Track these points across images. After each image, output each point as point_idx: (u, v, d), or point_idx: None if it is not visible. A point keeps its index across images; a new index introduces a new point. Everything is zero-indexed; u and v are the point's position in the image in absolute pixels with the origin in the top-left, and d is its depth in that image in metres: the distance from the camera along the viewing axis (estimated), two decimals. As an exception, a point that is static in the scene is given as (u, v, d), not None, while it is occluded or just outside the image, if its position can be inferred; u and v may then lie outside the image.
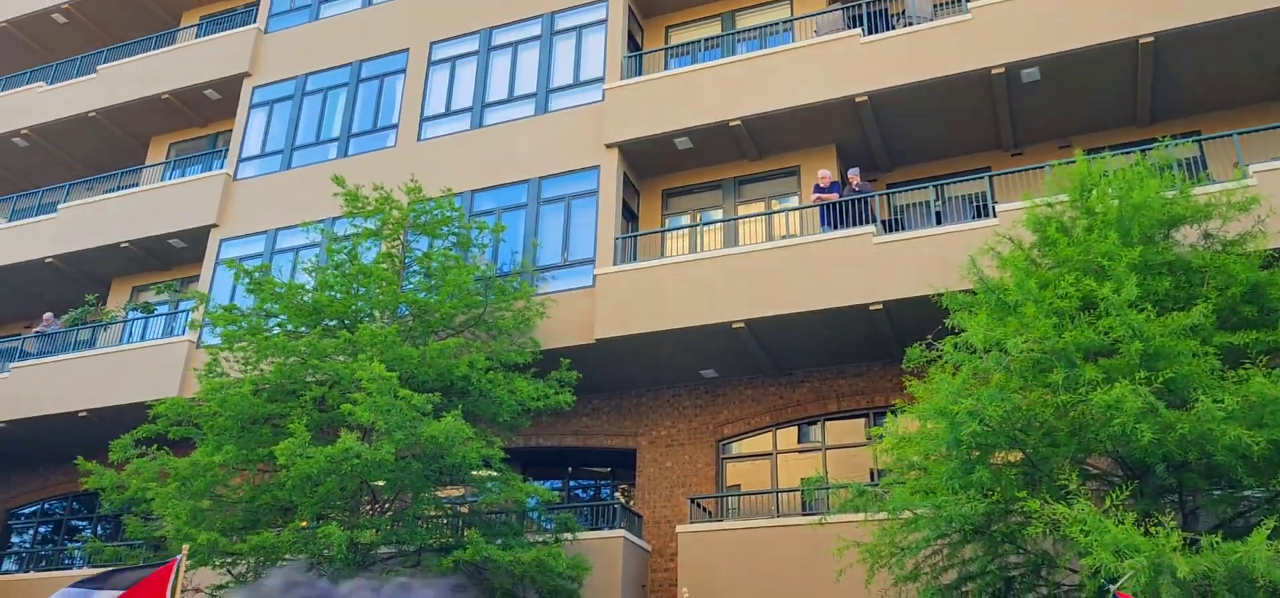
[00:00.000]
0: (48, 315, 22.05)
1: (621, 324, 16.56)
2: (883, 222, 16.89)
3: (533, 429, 16.80)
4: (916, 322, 13.96)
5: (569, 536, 15.34)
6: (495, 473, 15.02)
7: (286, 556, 14.34)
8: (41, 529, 22.86)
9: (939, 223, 16.31)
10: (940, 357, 10.93)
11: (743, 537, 15.33)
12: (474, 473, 15.10)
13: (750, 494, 16.74)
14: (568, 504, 17.47)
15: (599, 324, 16.70)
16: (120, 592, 8.55)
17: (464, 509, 16.06)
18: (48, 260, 22.36)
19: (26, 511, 22.85)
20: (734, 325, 15.94)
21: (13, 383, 20.71)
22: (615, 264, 17.18)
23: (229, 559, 14.59)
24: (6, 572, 21.28)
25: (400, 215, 16.80)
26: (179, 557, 8.86)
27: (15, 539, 22.80)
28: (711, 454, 17.55)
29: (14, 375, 20.85)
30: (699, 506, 16.48)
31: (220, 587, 15.10)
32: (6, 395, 20.58)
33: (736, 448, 17.83)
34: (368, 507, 15.41)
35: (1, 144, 25.19)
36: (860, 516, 11.94)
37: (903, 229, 16.80)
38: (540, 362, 16.21)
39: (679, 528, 15.94)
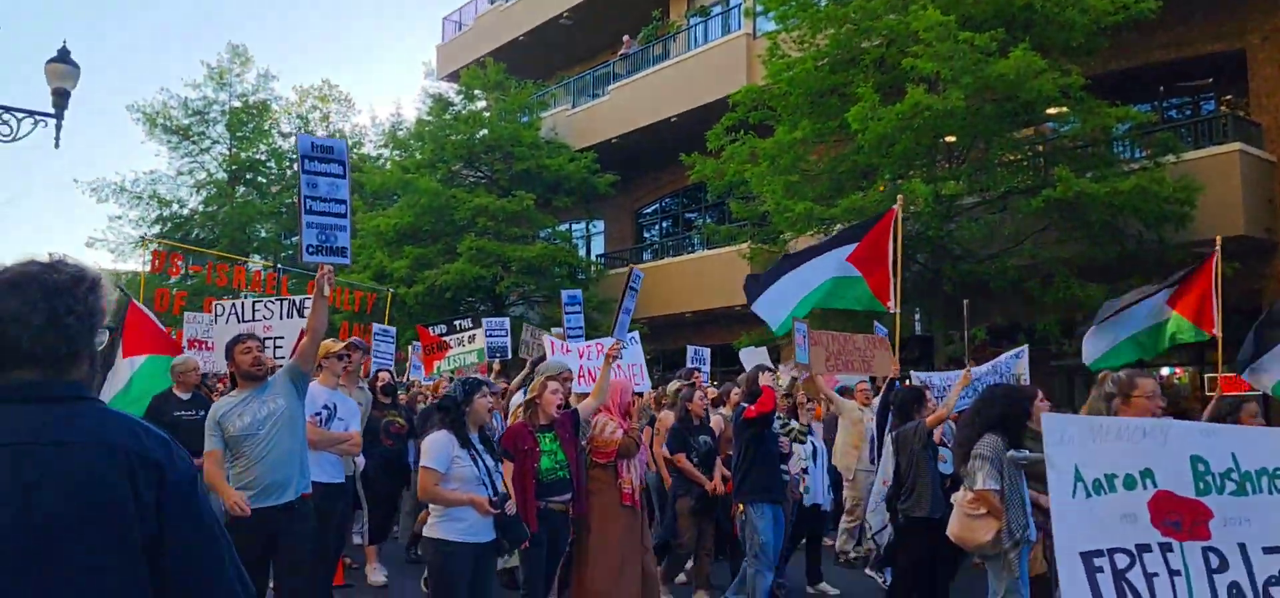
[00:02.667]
0: (625, 38, 24.84)
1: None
2: None
3: (1111, 49, 15.07)
4: None
5: (1171, 157, 13.90)
6: (1074, 106, 13.98)
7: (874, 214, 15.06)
8: (663, 224, 26.82)
9: None
10: None
11: None
12: (1050, 111, 14.20)
13: None
14: (1164, 124, 15.74)
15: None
16: (854, 245, 9.46)
17: (1044, 148, 15.33)
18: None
19: (648, 209, 26.87)
20: None
21: (612, 104, 24.02)
22: None
23: (824, 225, 15.74)
24: (646, 261, 25.46)
25: None
26: (895, 207, 9.40)
27: (646, 234, 27.07)
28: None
29: (612, 97, 24.12)
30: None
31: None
32: (609, 115, 24.01)
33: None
34: (944, 162, 15.44)
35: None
36: None
37: None
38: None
39: (1315, 129, 13.56)
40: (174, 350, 8.76)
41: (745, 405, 7.38)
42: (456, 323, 13.08)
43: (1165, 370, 15.66)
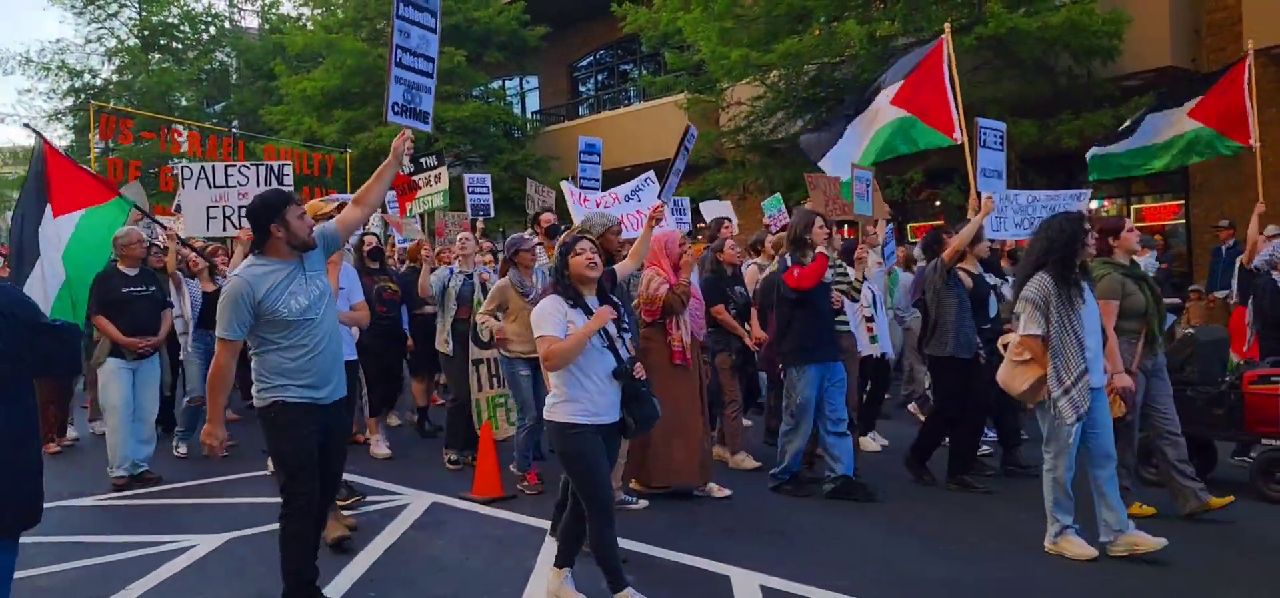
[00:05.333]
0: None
1: None
2: None
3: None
4: None
5: (1101, -11, 13.94)
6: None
7: (810, 60, 14.99)
8: (599, 78, 26.34)
9: None
10: None
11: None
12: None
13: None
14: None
15: None
16: (897, 85, 9.03)
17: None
18: None
19: (583, 63, 26.33)
20: None
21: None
22: None
23: (760, 72, 15.60)
24: (581, 116, 25.07)
25: None
26: (944, 36, 8.95)
27: (581, 89, 26.59)
28: None
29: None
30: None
31: (756, 98, 16.38)
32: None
33: None
34: (879, 3, 15.29)
35: None
36: None
37: None
38: None
39: (1240, -44, 13.67)
40: (108, 196, 7.55)
41: (790, 264, 6.83)
42: (422, 161, 12.78)
43: (1095, 203, 16.07)
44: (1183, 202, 15.42)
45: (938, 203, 16.24)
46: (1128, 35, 13.45)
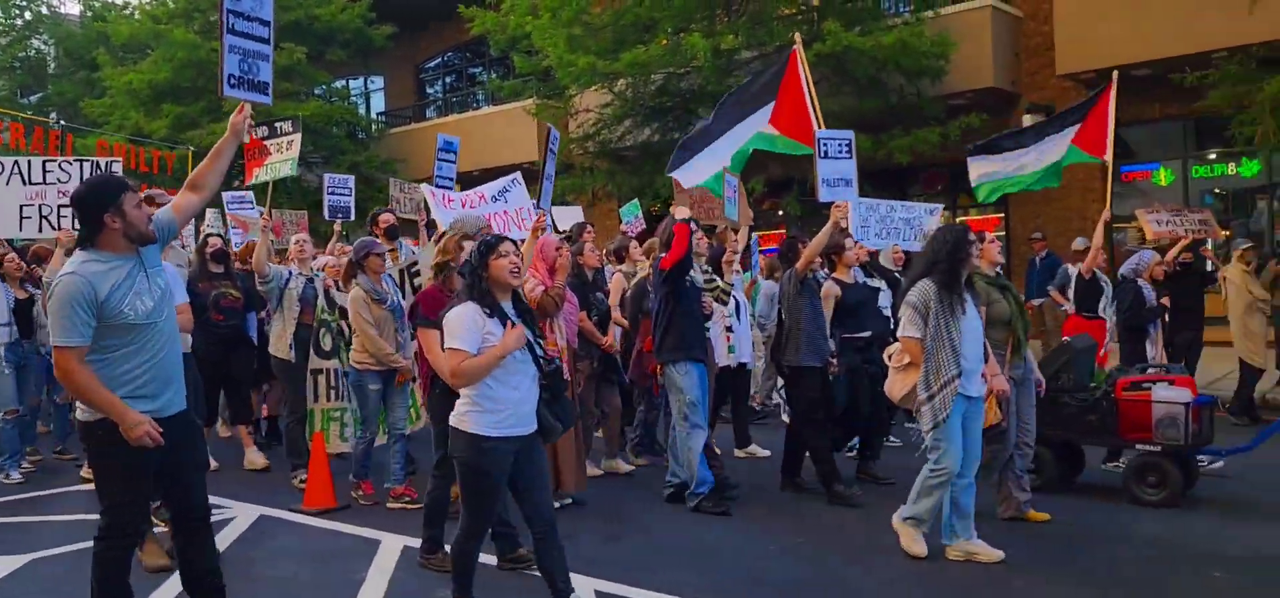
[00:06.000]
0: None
1: None
2: None
3: (881, -93, 15.64)
4: None
5: (931, 13, 14.72)
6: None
7: (657, 69, 15.19)
8: (447, 80, 25.93)
9: None
10: None
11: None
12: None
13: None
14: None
15: None
16: (770, 104, 8.87)
17: (816, 1, 15.82)
18: None
19: (431, 64, 25.86)
20: None
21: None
22: None
23: (607, 80, 15.70)
24: (429, 119, 24.60)
25: None
26: (795, 46, 8.88)
27: (429, 90, 26.10)
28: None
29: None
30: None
31: (604, 106, 16.48)
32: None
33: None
34: (723, 16, 15.66)
35: None
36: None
37: None
38: None
39: (1054, -13, 14.71)
40: None
41: (662, 255, 6.76)
42: (277, 126, 11.78)
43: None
44: (1003, 214, 16.40)
45: (780, 213, 16.72)
46: (954, 58, 14.24)
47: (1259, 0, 10.36)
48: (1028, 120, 14.30)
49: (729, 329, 8.22)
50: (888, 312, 8.57)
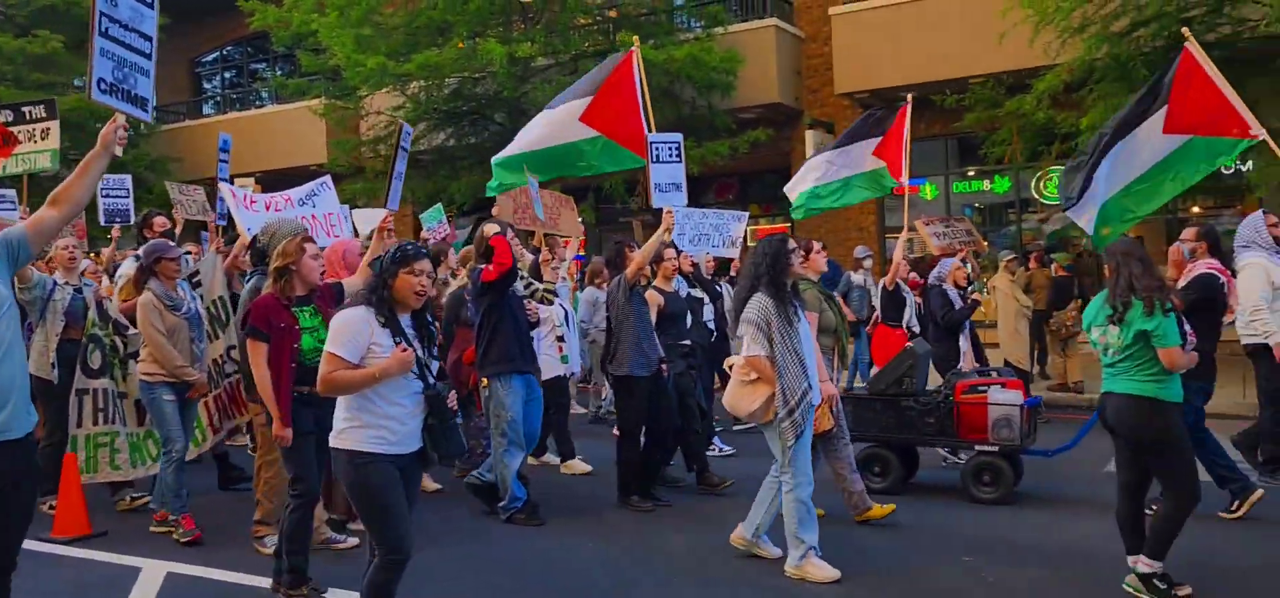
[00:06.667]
0: None
1: None
2: None
3: (674, -76, 16.09)
4: None
5: (720, 29, 15.25)
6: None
7: (451, 73, 14.94)
8: (226, 75, 24.47)
9: None
10: None
11: (899, 13, 14.82)
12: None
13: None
14: (716, -2, 17.15)
15: None
16: (590, 96, 8.37)
17: (613, 13, 16.06)
18: None
19: (208, 59, 24.33)
20: None
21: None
22: None
23: (399, 82, 15.28)
24: (206, 115, 23.15)
25: None
26: (633, 49, 8.41)
27: (206, 85, 24.55)
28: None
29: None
30: (852, -15, 15.86)
31: (396, 108, 16.03)
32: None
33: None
34: (519, 23, 15.61)
35: None
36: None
37: None
38: None
39: (832, 10, 15.56)
40: None
41: (482, 267, 6.53)
42: (25, 110, 10.24)
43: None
44: (790, 224, 17.19)
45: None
46: (742, 73, 14.83)
47: (1007, 33, 11.39)
48: (810, 137, 15.20)
49: (561, 339, 8.12)
50: (712, 324, 8.79)
